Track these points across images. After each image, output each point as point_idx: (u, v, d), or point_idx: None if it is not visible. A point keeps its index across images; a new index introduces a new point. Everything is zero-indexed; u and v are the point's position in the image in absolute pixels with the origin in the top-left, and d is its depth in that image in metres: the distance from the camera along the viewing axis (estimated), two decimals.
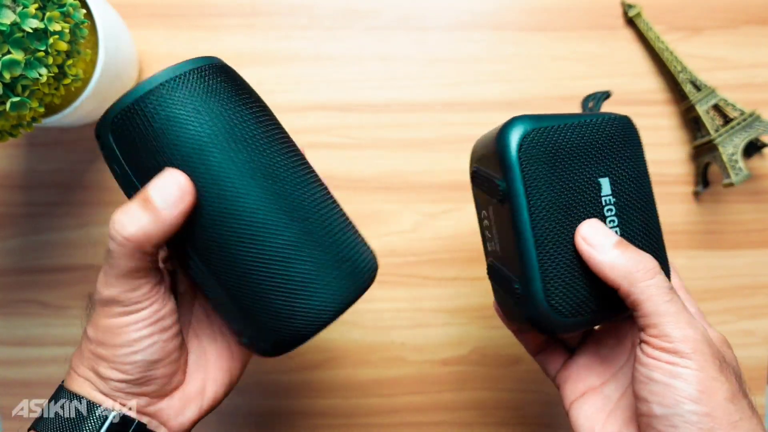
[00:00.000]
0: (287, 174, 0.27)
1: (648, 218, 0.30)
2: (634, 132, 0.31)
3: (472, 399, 0.47)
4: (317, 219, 0.27)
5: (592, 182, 0.28)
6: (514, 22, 0.47)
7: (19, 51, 0.30)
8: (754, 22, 0.47)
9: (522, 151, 0.28)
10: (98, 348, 0.27)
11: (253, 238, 0.26)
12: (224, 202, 0.26)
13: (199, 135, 0.25)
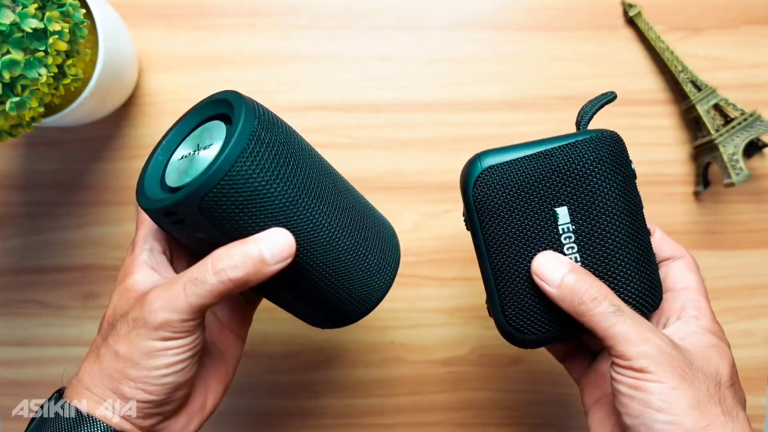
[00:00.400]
0: (340, 189, 0.31)
1: (619, 240, 0.29)
2: (611, 152, 0.30)
3: (471, 399, 0.47)
4: (368, 219, 0.32)
5: (548, 212, 0.30)
6: (515, 22, 0.47)
7: (18, 51, 0.30)
8: (754, 22, 0.47)
9: (477, 189, 0.31)
10: (129, 368, 0.27)
11: (336, 257, 0.29)
12: (309, 236, 0.28)
13: (285, 190, 0.27)
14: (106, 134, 0.46)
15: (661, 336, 0.27)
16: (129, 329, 0.27)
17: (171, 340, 0.26)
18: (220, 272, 0.26)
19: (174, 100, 0.46)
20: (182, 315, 0.26)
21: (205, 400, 0.31)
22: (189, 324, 0.26)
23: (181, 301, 0.26)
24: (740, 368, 0.47)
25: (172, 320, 0.26)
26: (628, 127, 0.47)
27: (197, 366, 0.29)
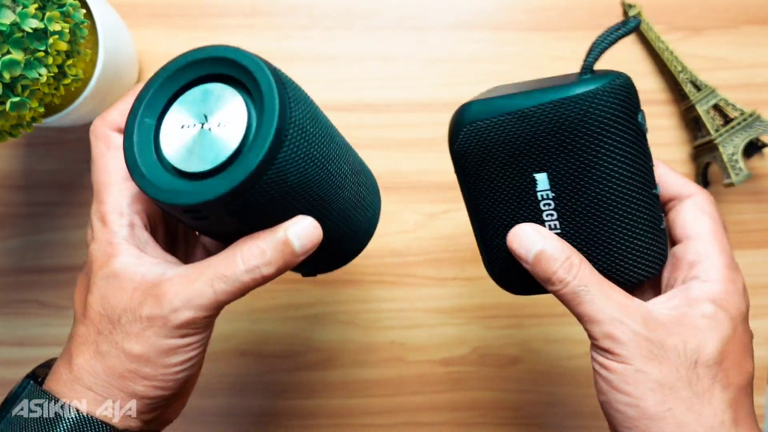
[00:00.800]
0: (344, 148, 0.30)
1: (606, 211, 0.27)
2: (613, 111, 0.26)
3: (471, 399, 0.47)
4: (363, 170, 0.33)
5: (526, 177, 0.27)
6: (515, 22, 0.47)
7: (18, 51, 0.30)
8: (754, 22, 0.47)
9: (458, 145, 0.28)
10: (144, 367, 0.25)
11: (348, 219, 0.29)
12: (332, 207, 0.27)
13: (318, 173, 0.25)
14: None
15: (633, 313, 0.25)
16: (143, 327, 0.24)
17: (190, 336, 0.25)
18: (254, 270, 0.24)
19: None
20: (207, 312, 0.24)
21: (189, 389, 0.30)
22: (211, 318, 0.25)
23: (209, 298, 0.24)
24: None
25: (197, 318, 0.24)
26: None
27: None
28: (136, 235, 0.26)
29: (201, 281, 0.24)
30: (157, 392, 0.25)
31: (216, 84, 0.24)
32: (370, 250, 0.47)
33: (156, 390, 0.25)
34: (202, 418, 0.47)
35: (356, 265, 0.47)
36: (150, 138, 0.24)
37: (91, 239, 0.27)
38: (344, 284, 0.47)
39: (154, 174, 0.24)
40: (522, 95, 0.26)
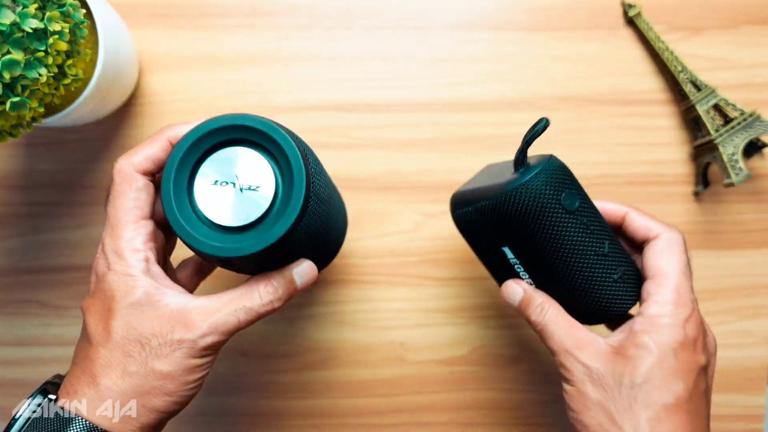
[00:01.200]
0: (336, 192, 0.37)
1: (556, 271, 0.33)
2: (535, 199, 0.31)
3: (471, 399, 0.47)
4: (342, 203, 0.40)
5: (499, 249, 0.35)
6: (514, 22, 0.47)
7: (18, 51, 0.30)
8: (754, 22, 0.47)
9: (456, 223, 0.38)
10: (168, 384, 0.28)
11: (328, 235, 0.34)
12: (323, 232, 0.32)
13: (323, 213, 0.30)
14: (107, 134, 0.46)
15: (584, 346, 0.32)
16: (173, 349, 0.28)
17: (209, 356, 0.29)
18: (269, 304, 0.29)
19: (174, 101, 0.46)
20: (228, 336, 0.29)
21: None
22: (227, 341, 0.29)
23: (232, 325, 0.29)
24: (740, 368, 0.47)
25: (220, 341, 0.29)
26: (628, 127, 0.47)
27: None
28: (151, 269, 0.29)
29: (226, 311, 0.28)
30: (174, 407, 0.29)
31: (246, 148, 0.28)
32: (370, 250, 0.47)
33: (173, 405, 0.29)
34: (202, 418, 0.47)
35: (356, 265, 0.47)
36: (185, 193, 0.28)
37: (107, 270, 0.29)
38: (344, 284, 0.47)
39: (194, 227, 0.27)
40: (480, 191, 0.34)
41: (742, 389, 0.48)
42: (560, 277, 0.33)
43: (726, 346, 0.48)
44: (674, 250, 0.32)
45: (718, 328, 0.48)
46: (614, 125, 0.47)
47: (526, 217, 0.31)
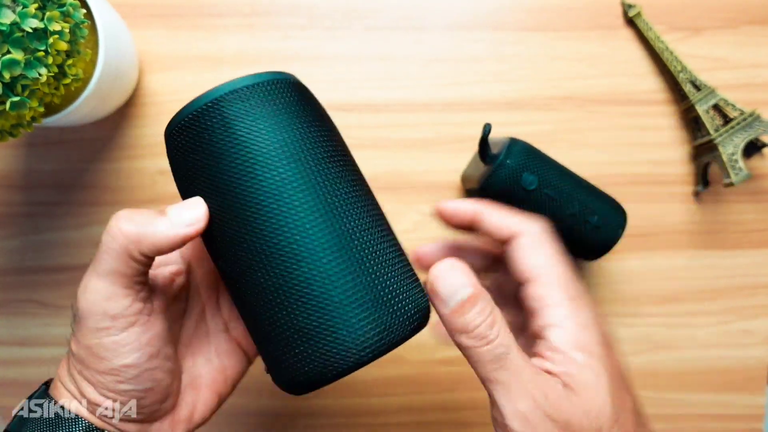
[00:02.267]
0: (337, 191, 0.25)
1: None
2: (502, 183, 0.39)
3: (471, 399, 0.47)
4: (361, 243, 0.24)
5: None
6: (514, 22, 0.47)
7: (19, 51, 0.30)
8: (754, 22, 0.47)
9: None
10: (84, 369, 0.26)
11: (286, 255, 0.23)
12: (266, 215, 0.24)
13: (254, 147, 0.24)
14: (107, 134, 0.46)
15: (538, 404, 0.24)
16: (76, 324, 0.26)
17: (108, 335, 0.25)
18: (114, 225, 0.25)
19: (174, 101, 0.46)
20: (98, 294, 0.25)
21: (193, 408, 0.30)
22: (115, 306, 0.25)
23: (91, 273, 0.25)
24: (739, 368, 0.47)
25: (90, 302, 0.25)
26: (628, 127, 0.47)
27: (165, 370, 0.27)
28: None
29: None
30: (104, 401, 0.26)
31: None
32: None
33: (102, 398, 0.26)
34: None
35: None
36: None
37: None
38: None
39: None
40: (471, 178, 0.42)
41: (742, 389, 0.48)
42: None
43: (726, 345, 0.48)
44: (548, 245, 0.28)
45: (718, 328, 0.48)
46: (614, 125, 0.47)
47: (502, 199, 0.39)
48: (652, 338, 0.48)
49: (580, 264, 0.48)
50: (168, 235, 0.25)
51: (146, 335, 0.26)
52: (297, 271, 0.23)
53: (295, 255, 0.23)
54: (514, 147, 0.39)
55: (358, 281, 0.23)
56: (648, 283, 0.48)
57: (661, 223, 0.47)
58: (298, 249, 0.23)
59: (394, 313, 0.24)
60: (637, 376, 0.48)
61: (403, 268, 0.26)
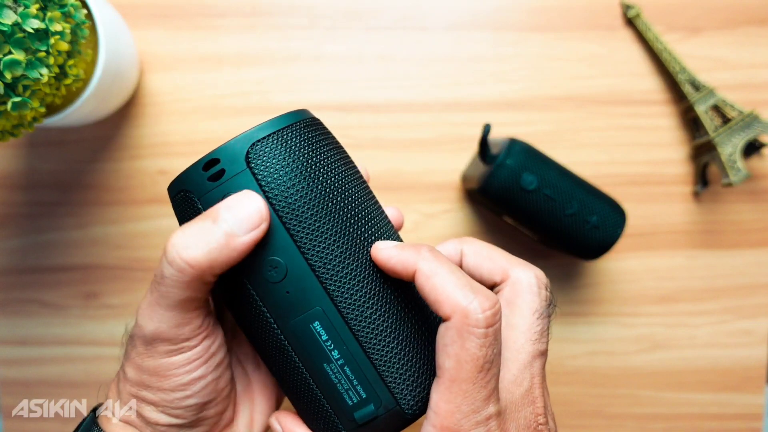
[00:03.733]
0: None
1: (540, 230, 0.41)
2: (502, 184, 0.40)
3: None
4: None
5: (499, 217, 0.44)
6: (514, 22, 0.47)
7: (20, 51, 0.30)
8: (753, 23, 0.48)
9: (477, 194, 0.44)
10: (142, 391, 0.24)
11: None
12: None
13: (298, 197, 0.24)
14: (108, 134, 0.46)
15: None
16: (134, 348, 0.25)
17: (176, 354, 0.24)
18: (177, 257, 0.22)
19: (175, 101, 0.46)
20: (169, 322, 0.23)
21: (251, 418, 0.28)
22: (186, 330, 0.24)
23: (158, 305, 0.23)
24: (738, 368, 0.48)
25: (162, 331, 0.23)
26: (628, 127, 0.47)
27: (227, 379, 0.26)
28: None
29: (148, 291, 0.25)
30: (168, 419, 0.25)
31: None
32: None
33: (165, 416, 0.25)
34: None
35: None
36: None
37: None
38: None
39: None
40: (471, 178, 0.43)
41: (741, 388, 0.48)
42: (549, 235, 0.40)
43: (725, 345, 0.48)
44: (465, 346, 0.21)
45: (717, 328, 0.48)
46: (614, 125, 0.48)
47: (501, 200, 0.40)
48: (651, 338, 0.48)
49: (580, 264, 0.48)
50: (236, 249, 0.22)
51: (214, 345, 0.25)
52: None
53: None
54: (514, 147, 0.40)
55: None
56: (647, 283, 0.48)
57: (661, 222, 0.48)
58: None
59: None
60: (636, 375, 0.48)
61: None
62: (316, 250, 0.24)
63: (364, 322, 0.24)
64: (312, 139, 0.25)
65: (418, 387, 0.25)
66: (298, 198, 0.24)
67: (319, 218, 0.24)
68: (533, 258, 0.47)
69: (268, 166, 0.24)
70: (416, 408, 0.25)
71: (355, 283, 0.24)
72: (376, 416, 0.25)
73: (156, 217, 0.46)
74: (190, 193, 0.25)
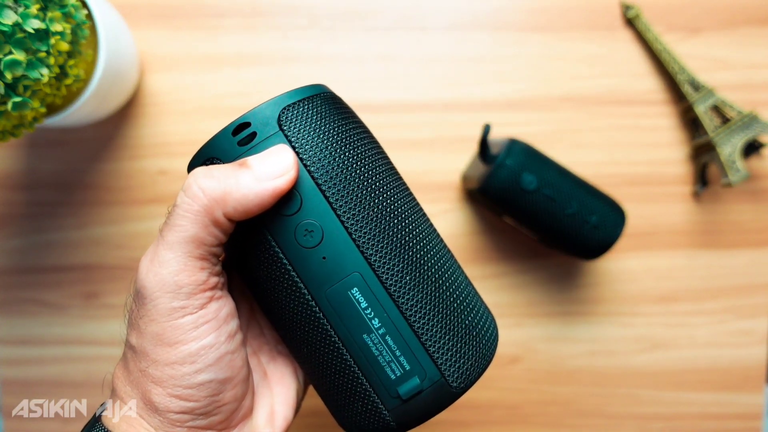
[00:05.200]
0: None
1: (540, 230, 0.41)
2: (501, 185, 0.40)
3: (470, 398, 0.48)
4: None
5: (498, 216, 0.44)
6: (514, 22, 0.47)
7: (20, 51, 0.30)
8: (753, 23, 0.48)
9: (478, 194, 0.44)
10: (150, 367, 0.22)
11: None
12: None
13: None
14: (108, 134, 0.46)
15: None
16: (139, 310, 0.22)
17: (183, 314, 0.21)
18: (193, 184, 0.21)
19: (175, 101, 0.46)
20: (171, 266, 0.21)
21: (272, 409, 0.26)
22: (193, 279, 0.21)
23: (164, 241, 0.21)
24: (738, 367, 0.48)
25: (162, 277, 0.21)
26: (628, 127, 0.48)
27: (243, 357, 0.24)
28: None
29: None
30: (180, 404, 0.23)
31: None
32: None
33: (176, 400, 0.23)
34: None
35: None
36: None
37: None
38: None
39: None
40: (472, 178, 0.43)
41: (741, 388, 0.48)
42: (548, 235, 0.40)
43: (724, 345, 0.48)
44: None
45: (716, 327, 0.48)
46: (613, 125, 0.48)
47: (501, 200, 0.40)
48: (650, 337, 0.48)
49: (580, 264, 0.48)
50: (256, 191, 0.21)
51: (224, 311, 0.23)
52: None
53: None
54: (514, 147, 0.40)
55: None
56: (647, 283, 0.48)
57: (660, 222, 0.48)
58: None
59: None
60: (636, 375, 0.48)
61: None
62: (351, 213, 0.23)
63: (405, 288, 0.23)
64: (339, 107, 0.25)
65: (462, 358, 0.24)
66: (332, 160, 0.23)
67: (353, 181, 0.23)
68: (533, 258, 0.47)
69: (300, 129, 0.24)
70: (462, 382, 0.24)
71: (392, 247, 0.23)
72: (421, 390, 0.23)
73: (156, 217, 0.46)
74: (217, 161, 0.24)
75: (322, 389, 0.26)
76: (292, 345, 0.26)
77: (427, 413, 0.24)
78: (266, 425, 0.25)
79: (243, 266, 0.25)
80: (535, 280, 0.47)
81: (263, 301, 0.25)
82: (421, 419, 0.24)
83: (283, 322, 0.25)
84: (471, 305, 0.25)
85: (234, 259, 0.25)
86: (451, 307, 0.24)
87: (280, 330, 0.26)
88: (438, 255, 0.25)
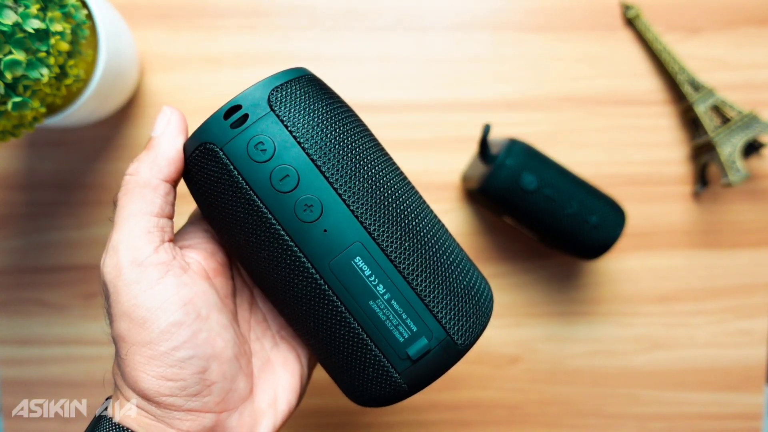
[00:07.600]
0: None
1: (540, 230, 0.41)
2: (501, 185, 0.41)
3: (470, 398, 0.48)
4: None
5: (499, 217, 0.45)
6: (514, 22, 0.47)
7: (20, 51, 0.30)
8: (752, 23, 0.48)
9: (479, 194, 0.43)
10: (130, 351, 0.22)
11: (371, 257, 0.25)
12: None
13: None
14: (108, 134, 0.46)
15: None
16: (113, 287, 0.23)
17: (137, 280, 0.23)
18: (126, 175, 0.25)
19: (175, 101, 0.46)
20: (132, 223, 0.24)
21: (274, 394, 0.27)
22: (146, 250, 0.23)
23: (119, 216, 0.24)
24: (738, 367, 0.48)
25: (119, 236, 0.23)
26: (628, 127, 0.48)
27: (230, 336, 0.25)
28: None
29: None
30: (167, 384, 0.24)
31: None
32: None
33: (163, 381, 0.24)
34: None
35: None
36: None
37: None
38: None
39: None
40: (472, 178, 0.43)
41: (741, 388, 0.48)
42: (549, 235, 0.41)
43: (724, 345, 0.48)
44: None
45: (716, 327, 0.48)
46: (613, 125, 0.48)
47: (501, 200, 0.40)
48: (650, 337, 0.48)
49: (580, 264, 0.48)
50: (176, 147, 0.25)
51: (185, 290, 0.24)
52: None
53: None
54: (514, 147, 0.40)
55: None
56: (647, 283, 0.48)
57: (660, 222, 0.48)
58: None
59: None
60: (636, 375, 0.48)
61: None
62: (348, 186, 0.24)
63: (405, 254, 0.24)
64: (324, 87, 0.26)
65: (465, 317, 0.25)
66: (324, 137, 0.24)
67: (346, 155, 0.24)
68: (533, 258, 0.47)
69: (291, 108, 0.25)
70: (466, 340, 0.25)
71: (389, 216, 0.24)
72: (429, 349, 0.24)
73: None
74: (210, 145, 0.25)
75: (331, 363, 0.26)
76: (297, 321, 0.26)
77: (436, 373, 0.25)
78: (268, 408, 0.26)
79: (245, 250, 0.26)
80: (535, 280, 0.47)
81: (266, 282, 0.26)
82: (430, 379, 0.25)
83: (288, 299, 0.25)
84: (466, 268, 0.27)
85: (236, 245, 0.26)
86: (448, 270, 0.25)
87: (285, 308, 0.26)
88: (431, 222, 0.26)
